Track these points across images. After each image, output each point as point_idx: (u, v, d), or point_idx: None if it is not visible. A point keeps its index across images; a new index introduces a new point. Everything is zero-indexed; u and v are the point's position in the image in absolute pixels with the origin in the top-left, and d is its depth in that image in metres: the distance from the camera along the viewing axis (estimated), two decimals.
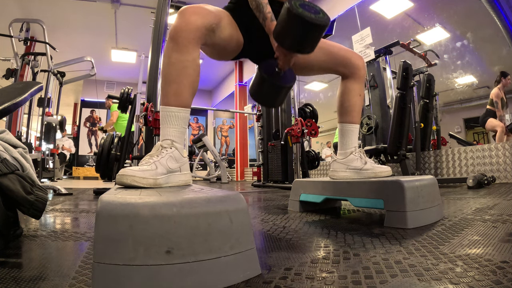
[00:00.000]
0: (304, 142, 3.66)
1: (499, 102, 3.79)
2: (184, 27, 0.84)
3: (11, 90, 1.07)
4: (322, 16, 0.82)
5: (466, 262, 0.55)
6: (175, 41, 0.85)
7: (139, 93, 3.04)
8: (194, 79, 0.88)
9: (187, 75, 0.86)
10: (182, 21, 0.85)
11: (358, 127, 1.20)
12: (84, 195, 2.44)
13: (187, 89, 0.87)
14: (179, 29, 0.85)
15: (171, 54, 0.85)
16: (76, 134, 9.24)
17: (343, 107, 1.19)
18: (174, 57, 0.85)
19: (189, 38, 0.85)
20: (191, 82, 0.87)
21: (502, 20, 3.11)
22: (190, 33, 0.85)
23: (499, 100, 3.80)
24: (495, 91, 3.87)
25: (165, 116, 0.86)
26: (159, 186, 0.75)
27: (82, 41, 7.25)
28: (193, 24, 0.85)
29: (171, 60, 0.85)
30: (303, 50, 0.89)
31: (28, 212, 0.73)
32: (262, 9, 0.97)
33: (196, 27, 0.85)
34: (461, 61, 6.83)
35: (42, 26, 4.72)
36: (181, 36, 0.84)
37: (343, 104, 1.19)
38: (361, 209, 1.32)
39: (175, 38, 0.85)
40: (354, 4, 4.78)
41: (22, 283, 0.51)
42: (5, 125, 4.36)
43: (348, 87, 1.17)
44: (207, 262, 0.47)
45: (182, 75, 0.86)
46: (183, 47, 0.85)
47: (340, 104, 1.20)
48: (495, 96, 3.84)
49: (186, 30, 0.84)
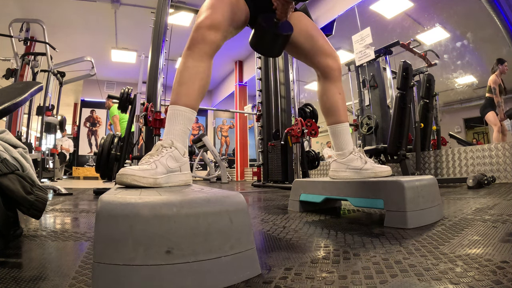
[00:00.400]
0: (304, 142, 3.66)
1: (497, 88, 3.78)
2: (200, 41, 0.93)
3: (11, 90, 1.07)
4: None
5: (466, 262, 0.55)
6: (192, 50, 0.94)
7: (139, 93, 3.04)
8: (205, 84, 0.95)
9: (199, 79, 0.93)
10: (198, 36, 0.93)
11: (347, 125, 1.19)
12: (84, 195, 2.44)
13: (197, 92, 0.93)
14: (196, 42, 0.93)
15: (187, 60, 0.93)
16: (76, 134, 9.25)
17: (326, 108, 1.20)
18: (190, 62, 0.93)
19: (205, 50, 0.94)
20: (202, 86, 0.94)
21: (502, 20, 3.11)
22: (205, 46, 0.94)
23: (497, 86, 3.79)
24: (492, 77, 3.86)
25: (173, 114, 0.90)
26: (159, 186, 0.75)
27: (82, 41, 7.25)
28: (208, 40, 0.93)
29: (186, 65, 0.93)
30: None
31: (28, 212, 0.73)
32: None
33: (211, 41, 0.94)
34: (461, 61, 6.83)
35: (42, 26, 4.72)
36: (198, 47, 0.93)
37: (325, 105, 1.19)
38: (361, 209, 1.32)
39: (192, 49, 0.94)
40: (354, 4, 4.78)
41: (22, 283, 0.51)
42: (5, 125, 4.36)
43: (325, 87, 1.18)
44: (207, 262, 0.47)
45: (194, 79, 0.93)
46: (199, 56, 0.93)
47: (322, 106, 1.21)
48: (492, 83, 3.83)
49: (202, 43, 0.93)
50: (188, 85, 0.92)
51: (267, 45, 1.10)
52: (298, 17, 1.16)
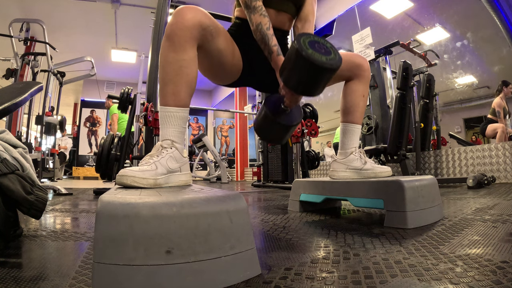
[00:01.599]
0: (304, 142, 3.66)
1: (501, 112, 3.76)
2: (180, 25, 0.82)
3: (11, 90, 1.07)
4: (333, 57, 0.76)
5: (466, 262, 0.55)
6: (171, 40, 0.83)
7: (139, 93, 3.04)
8: (192, 79, 0.86)
9: (184, 75, 0.84)
10: (178, 19, 0.82)
11: (360, 127, 1.20)
12: (84, 195, 2.44)
13: (185, 88, 0.85)
14: (175, 27, 0.82)
15: (167, 54, 0.83)
16: (76, 134, 9.25)
17: (346, 107, 1.19)
18: (171, 56, 0.83)
19: (185, 37, 0.82)
20: (189, 81, 0.85)
21: (502, 20, 3.11)
22: (186, 31, 0.82)
23: (501, 109, 3.77)
24: (497, 100, 3.84)
25: (164, 117, 0.85)
26: (159, 186, 0.75)
27: (82, 41, 7.25)
28: (190, 21, 0.82)
29: (167, 59, 0.83)
30: (311, 94, 0.84)
31: (28, 212, 0.73)
32: (267, 42, 0.93)
33: (192, 24, 0.82)
34: (461, 61, 6.83)
35: (42, 26, 4.72)
36: (177, 34, 0.82)
37: (347, 104, 1.19)
38: (361, 209, 1.32)
39: (171, 37, 0.82)
40: (354, 4, 4.78)
41: (22, 283, 0.51)
42: (5, 125, 4.37)
43: (352, 88, 1.17)
44: (207, 262, 0.47)
45: (179, 75, 0.83)
46: (180, 46, 0.82)
47: (344, 104, 1.20)
48: (497, 106, 3.81)
49: (182, 28, 0.82)
50: (174, 82, 0.83)
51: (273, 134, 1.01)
52: None
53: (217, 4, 4.82)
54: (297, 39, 0.76)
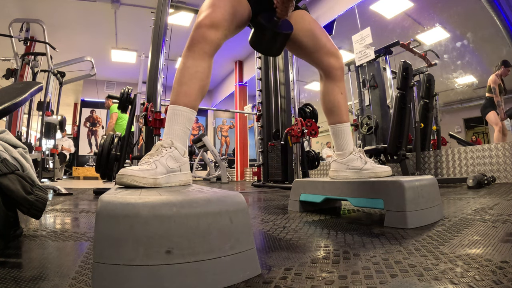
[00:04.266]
0: (304, 142, 3.66)
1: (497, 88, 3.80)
2: (201, 40, 0.92)
3: (11, 90, 1.07)
4: None
5: (466, 262, 0.55)
6: (192, 50, 0.93)
7: (139, 93, 3.04)
8: (205, 84, 0.94)
9: (199, 79, 0.92)
10: (198, 35, 0.93)
11: (348, 125, 1.19)
12: (84, 195, 2.44)
13: (197, 91, 0.92)
14: (196, 41, 0.93)
15: (187, 60, 0.93)
16: (76, 134, 9.24)
17: (328, 108, 1.19)
18: (190, 62, 0.92)
19: (205, 49, 0.93)
20: (202, 86, 0.93)
21: (502, 20, 3.11)
22: (206, 45, 0.93)
23: (497, 86, 3.81)
24: (492, 77, 3.88)
25: (173, 114, 0.89)
26: (159, 186, 0.75)
27: (82, 41, 7.25)
28: (209, 39, 0.93)
29: (186, 65, 0.92)
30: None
31: (28, 212, 0.73)
32: None
33: (212, 41, 0.93)
34: (461, 61, 6.83)
35: (42, 26, 4.72)
36: (198, 47, 0.92)
37: (327, 105, 1.19)
38: (361, 209, 1.32)
39: (192, 48, 0.93)
40: (354, 4, 4.78)
41: (22, 283, 0.51)
42: (5, 125, 4.37)
43: (327, 87, 1.18)
44: (207, 262, 0.47)
45: (194, 78, 0.92)
46: (199, 56, 0.92)
47: (324, 105, 1.21)
48: (492, 82, 3.85)
49: (202, 43, 0.92)
50: (188, 85, 0.91)
51: (267, 44, 1.10)
52: (301, 15, 1.16)
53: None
54: None
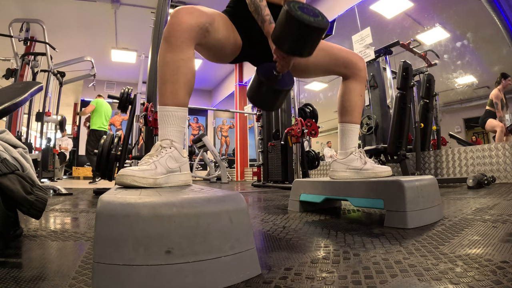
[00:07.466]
0: (304, 142, 3.66)
1: (499, 103, 3.81)
2: (177, 27, 0.85)
3: (11, 90, 1.07)
4: (321, 19, 0.80)
5: (466, 262, 0.55)
6: (169, 41, 0.85)
7: (139, 93, 3.04)
8: (190, 78, 0.88)
9: (182, 74, 0.86)
10: (175, 21, 0.85)
11: (358, 127, 1.20)
12: (84, 195, 2.44)
13: (183, 88, 0.87)
14: (172, 29, 0.85)
15: (165, 55, 0.86)
16: (76, 134, 9.24)
17: (344, 107, 1.19)
18: (169, 57, 0.85)
19: (182, 38, 0.85)
20: (187, 81, 0.87)
21: (502, 20, 3.11)
22: (183, 33, 0.85)
23: (499, 101, 3.81)
24: (494, 92, 3.88)
25: (163, 116, 0.86)
26: (159, 186, 0.75)
27: (82, 41, 7.25)
28: (186, 23, 0.85)
29: (165, 60, 0.86)
30: (301, 54, 0.87)
31: (28, 212, 0.73)
32: (260, 12, 0.97)
33: (189, 26, 0.85)
34: (461, 61, 6.83)
35: (42, 26, 4.72)
36: (175, 36, 0.85)
37: (344, 104, 1.19)
38: (361, 209, 1.32)
39: (168, 39, 0.85)
40: (354, 4, 4.79)
41: (22, 283, 0.51)
42: (5, 125, 4.36)
43: (349, 87, 1.18)
44: (207, 262, 0.47)
45: (177, 75, 0.86)
46: (177, 47, 0.85)
47: (341, 104, 1.20)
48: (494, 97, 3.86)
49: (179, 30, 0.84)
50: (171, 82, 0.86)
51: (265, 99, 1.03)
52: None
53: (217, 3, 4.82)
54: (287, 3, 0.81)
